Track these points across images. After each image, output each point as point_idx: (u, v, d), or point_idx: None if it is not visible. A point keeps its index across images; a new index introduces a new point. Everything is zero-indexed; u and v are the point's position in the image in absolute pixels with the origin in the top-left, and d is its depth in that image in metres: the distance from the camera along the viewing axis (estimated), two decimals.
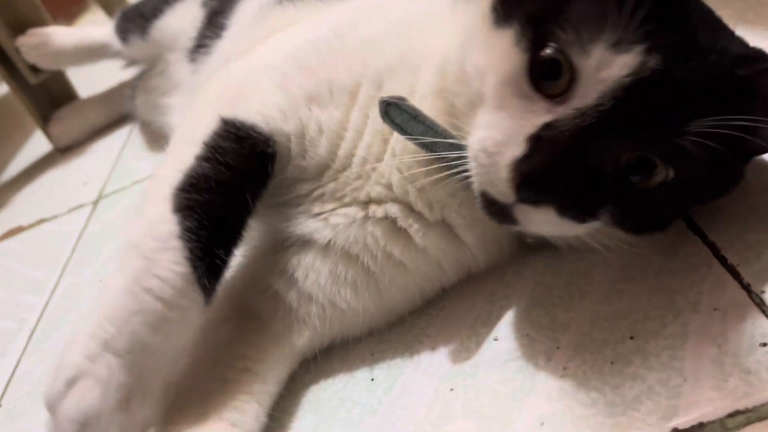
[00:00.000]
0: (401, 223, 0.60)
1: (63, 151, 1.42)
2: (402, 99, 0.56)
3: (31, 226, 1.21)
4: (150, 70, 1.20)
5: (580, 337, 0.55)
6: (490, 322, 0.61)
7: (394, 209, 0.60)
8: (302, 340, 0.61)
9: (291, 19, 0.72)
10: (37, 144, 1.49)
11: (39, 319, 0.94)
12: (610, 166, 0.47)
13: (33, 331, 0.91)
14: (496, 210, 0.51)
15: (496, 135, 0.49)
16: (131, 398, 0.48)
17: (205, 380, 0.58)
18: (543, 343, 0.56)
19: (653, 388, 0.49)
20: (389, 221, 0.60)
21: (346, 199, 0.61)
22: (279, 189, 0.62)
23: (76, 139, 1.42)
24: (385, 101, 0.55)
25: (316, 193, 0.61)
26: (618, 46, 0.44)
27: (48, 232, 1.17)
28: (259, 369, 0.58)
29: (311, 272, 0.61)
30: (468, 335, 0.60)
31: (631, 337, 0.53)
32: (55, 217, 1.20)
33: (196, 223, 0.51)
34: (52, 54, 1.31)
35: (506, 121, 0.49)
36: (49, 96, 1.41)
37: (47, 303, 0.97)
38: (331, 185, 0.61)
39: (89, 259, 1.03)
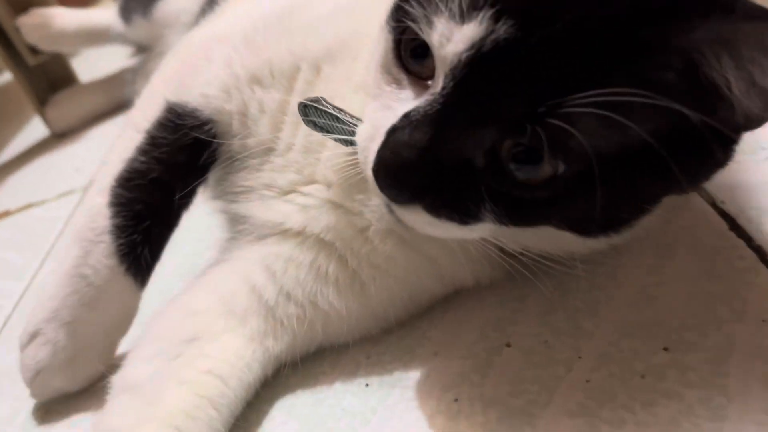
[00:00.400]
0: (357, 222, 0.54)
1: (59, 136, 1.37)
2: (319, 100, 0.50)
3: (18, 210, 1.16)
4: (150, 52, 1.16)
5: (606, 346, 0.49)
6: (501, 325, 0.54)
7: (349, 203, 0.54)
8: (279, 345, 0.55)
9: None
10: (35, 129, 1.44)
11: (15, 307, 0.87)
12: (477, 158, 0.40)
13: (8, 318, 0.85)
14: (390, 211, 0.45)
15: (367, 128, 0.44)
16: (76, 358, 0.57)
17: (161, 377, 0.52)
18: (563, 351, 0.50)
19: (692, 409, 0.42)
20: (351, 214, 0.54)
21: (306, 173, 0.56)
22: (233, 167, 0.60)
23: (74, 124, 1.36)
24: (302, 103, 0.51)
25: (267, 166, 0.58)
26: (460, 15, 0.37)
27: (34, 218, 1.12)
28: (223, 372, 0.52)
29: (291, 265, 0.55)
30: (476, 340, 0.53)
31: (666, 349, 0.47)
32: (43, 202, 1.15)
33: (122, 221, 0.56)
34: (52, 35, 1.27)
35: (377, 111, 0.44)
36: (47, 79, 1.36)
37: (26, 290, 0.90)
38: (280, 160, 0.57)
39: None
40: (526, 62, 0.36)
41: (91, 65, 1.47)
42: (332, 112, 0.49)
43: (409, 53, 0.43)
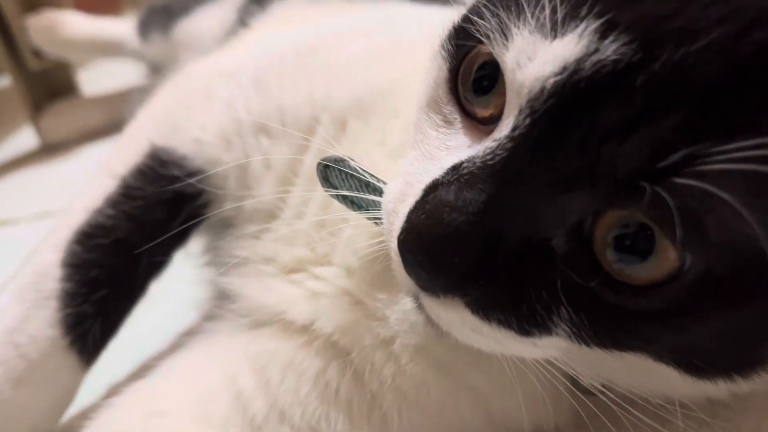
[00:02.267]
0: (380, 330, 0.41)
1: (49, 149, 1.27)
2: (344, 160, 0.39)
3: None
4: (162, 73, 1.06)
5: None
6: None
7: (371, 302, 0.41)
8: None
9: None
10: (24, 139, 1.34)
11: None
12: (557, 237, 0.28)
13: None
14: (418, 305, 0.33)
15: (398, 185, 0.33)
16: None
17: None
18: None
19: None
20: (373, 318, 0.42)
21: (320, 251, 0.44)
22: (224, 233, 0.51)
23: (67, 137, 1.28)
24: (322, 163, 0.39)
25: (268, 235, 0.47)
26: (552, 27, 0.27)
27: (2, 237, 0.99)
28: None
29: (290, 373, 0.42)
30: None
31: None
32: (16, 221, 1.03)
33: (74, 286, 0.47)
34: (60, 41, 1.20)
35: (415, 162, 0.33)
36: (47, 86, 1.28)
37: None
38: (285, 229, 0.46)
39: None
40: (645, 95, 0.25)
41: (98, 78, 1.38)
42: (363, 176, 0.37)
43: (470, 86, 0.32)
